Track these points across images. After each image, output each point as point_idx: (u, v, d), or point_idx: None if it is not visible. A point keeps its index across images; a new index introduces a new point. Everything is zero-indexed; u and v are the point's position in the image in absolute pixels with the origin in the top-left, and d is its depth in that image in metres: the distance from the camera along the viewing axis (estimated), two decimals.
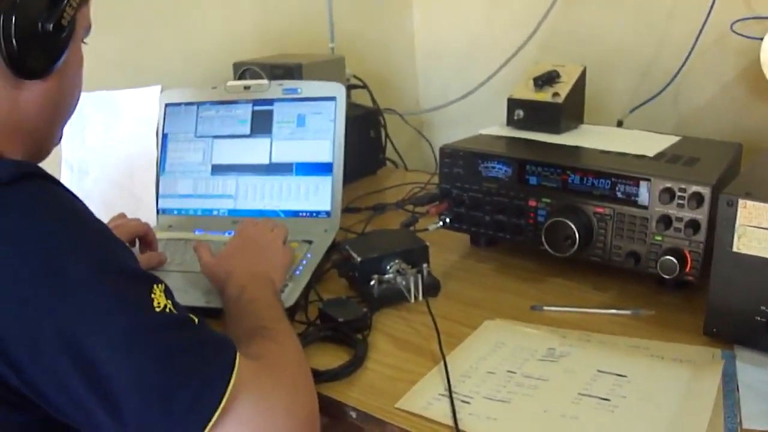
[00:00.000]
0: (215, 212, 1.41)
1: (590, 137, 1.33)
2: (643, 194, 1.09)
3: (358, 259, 1.14)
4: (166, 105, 1.45)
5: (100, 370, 0.67)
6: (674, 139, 1.31)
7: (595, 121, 1.45)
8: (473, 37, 1.99)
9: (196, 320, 0.75)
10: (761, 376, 0.92)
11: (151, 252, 1.26)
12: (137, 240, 1.27)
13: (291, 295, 1.12)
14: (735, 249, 0.93)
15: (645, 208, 1.09)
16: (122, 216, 1.29)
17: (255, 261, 1.11)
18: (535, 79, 1.35)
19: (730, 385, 0.91)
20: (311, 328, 1.08)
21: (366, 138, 1.70)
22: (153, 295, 0.72)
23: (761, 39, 1.38)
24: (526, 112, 1.34)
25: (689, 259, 1.06)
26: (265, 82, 1.41)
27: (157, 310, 0.71)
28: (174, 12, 1.64)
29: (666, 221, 1.08)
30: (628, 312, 1.09)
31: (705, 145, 1.30)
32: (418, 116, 2.05)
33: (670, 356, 0.98)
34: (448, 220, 1.28)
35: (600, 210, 1.13)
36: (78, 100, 0.90)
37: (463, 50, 1.99)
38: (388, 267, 1.15)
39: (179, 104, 1.45)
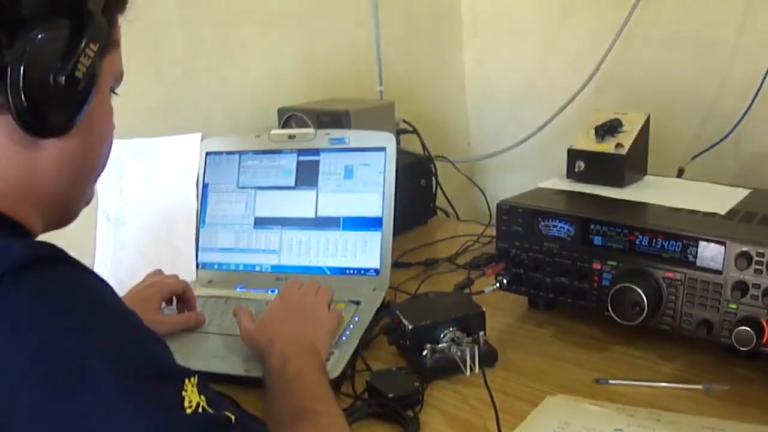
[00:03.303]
0: (258, 268, 1.41)
1: (655, 191, 1.31)
2: (718, 258, 1.07)
3: (410, 327, 1.13)
4: (207, 153, 1.47)
5: None
6: (744, 192, 1.29)
7: (654, 167, 1.42)
8: (527, 80, 2.00)
9: (233, 418, 0.71)
10: None
11: (189, 312, 1.27)
12: (174, 298, 1.28)
13: (337, 364, 1.11)
14: None
15: (719, 273, 1.06)
16: (159, 272, 1.31)
17: (298, 328, 1.10)
18: (597, 129, 1.33)
19: None
20: (358, 402, 1.06)
21: (416, 186, 1.70)
22: (184, 393, 0.68)
23: None
24: (588, 164, 1.33)
25: (767, 329, 1.04)
26: (311, 131, 1.42)
27: (189, 411, 0.67)
28: (216, 56, 1.67)
29: (742, 288, 1.04)
30: (699, 387, 1.06)
31: None
32: (469, 163, 2.05)
33: None
34: (505, 281, 1.26)
35: (670, 275, 1.10)
36: (108, 155, 0.87)
37: (516, 93, 2.00)
38: (441, 335, 1.13)
39: (220, 153, 1.46)
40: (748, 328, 1.04)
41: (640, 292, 1.10)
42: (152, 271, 1.30)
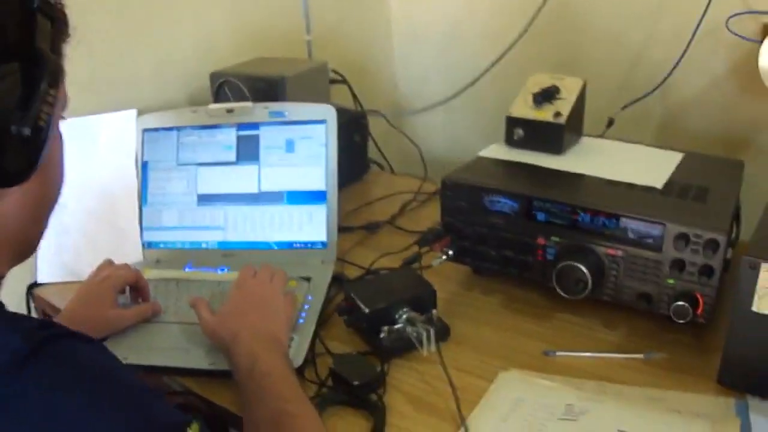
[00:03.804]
0: (204, 245, 1.42)
1: (593, 159, 1.36)
2: (657, 238, 1.14)
3: (366, 311, 1.18)
4: (144, 130, 1.44)
5: None
6: (677, 158, 1.36)
7: (585, 115, 1.46)
8: (454, 22, 1.99)
9: None
10: None
11: (145, 303, 1.28)
12: (128, 288, 1.29)
13: (299, 351, 1.15)
14: (755, 309, 0.99)
15: (659, 251, 1.14)
16: (109, 263, 1.30)
17: (259, 319, 1.13)
18: (535, 96, 1.37)
19: None
20: (324, 390, 1.11)
21: (350, 143, 1.71)
22: None
23: (758, 41, 1.42)
24: (527, 132, 1.37)
25: (702, 302, 1.12)
26: (248, 104, 1.41)
27: None
28: (144, 23, 1.61)
29: (680, 265, 1.13)
30: (640, 356, 1.15)
31: (710, 167, 1.34)
32: (404, 117, 2.06)
33: (686, 409, 1.05)
34: (451, 252, 1.31)
35: (612, 252, 1.17)
36: (63, 182, 0.86)
37: (443, 34, 1.99)
38: (397, 316, 1.19)
39: (158, 129, 1.44)
40: (684, 303, 1.12)
41: (584, 270, 1.17)
42: (102, 262, 1.29)
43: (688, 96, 1.67)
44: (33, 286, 1.44)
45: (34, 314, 1.41)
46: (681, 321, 1.13)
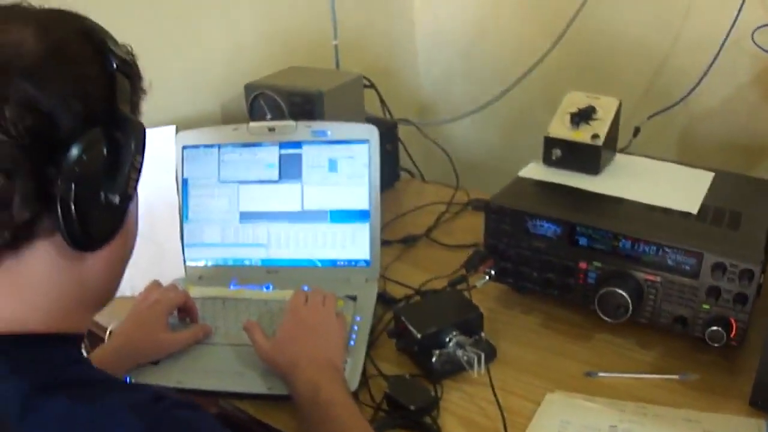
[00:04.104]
0: (247, 262, 1.46)
1: (629, 180, 1.42)
2: (694, 266, 1.20)
3: (418, 336, 1.23)
4: (183, 147, 1.46)
5: None
6: (708, 178, 1.42)
7: None
8: (478, 24, 2.02)
9: None
10: None
11: (196, 325, 1.31)
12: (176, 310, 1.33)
13: (353, 374, 1.20)
14: None
15: (695, 278, 1.20)
16: (157, 286, 1.33)
17: (315, 345, 1.18)
18: (572, 116, 1.42)
19: None
20: (381, 415, 1.17)
21: (381, 152, 1.70)
22: None
23: None
24: (565, 152, 1.42)
25: (735, 327, 1.19)
26: (291, 123, 1.43)
27: None
28: (173, 32, 1.63)
29: (716, 293, 1.19)
30: (675, 377, 1.23)
31: (740, 188, 1.42)
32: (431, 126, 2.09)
33: (720, 431, 1.14)
34: (493, 272, 1.37)
35: (651, 278, 1.24)
36: (138, 231, 0.88)
37: (467, 40, 2.02)
38: (446, 339, 1.24)
39: (198, 146, 1.46)
40: (719, 328, 1.19)
41: (625, 295, 1.23)
42: (150, 284, 1.32)
43: (713, 105, 1.73)
44: None
45: None
46: (716, 345, 1.20)
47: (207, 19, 1.70)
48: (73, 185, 0.70)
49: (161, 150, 1.45)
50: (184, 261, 1.47)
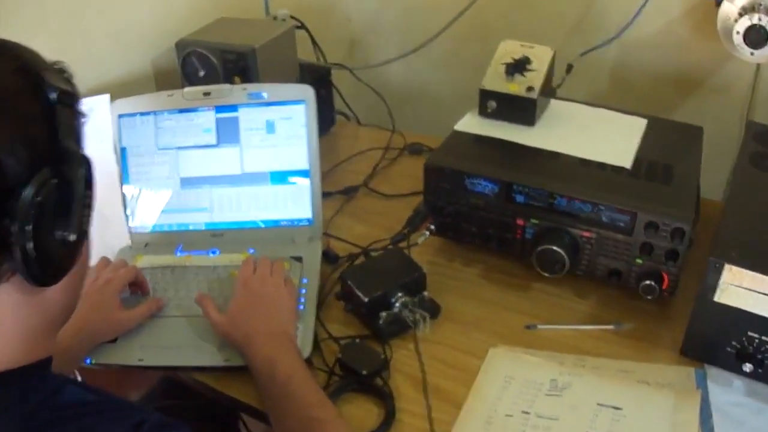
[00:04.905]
0: (191, 227, 1.45)
1: (565, 131, 1.44)
2: (628, 223, 1.25)
3: (365, 300, 1.27)
4: (120, 116, 1.42)
5: None
6: (641, 126, 1.46)
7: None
8: None
9: None
10: (729, 398, 1.17)
11: (149, 300, 1.32)
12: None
13: (305, 341, 1.24)
14: (716, 299, 1.14)
15: (629, 234, 1.26)
16: (104, 263, 1.34)
17: (267, 317, 1.22)
18: (507, 67, 1.42)
19: (705, 411, 1.14)
20: (335, 380, 1.22)
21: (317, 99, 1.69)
22: None
23: None
24: (500, 104, 1.43)
25: (667, 280, 1.26)
26: (226, 86, 1.41)
27: None
28: None
29: (648, 248, 1.25)
30: (610, 327, 1.30)
31: (672, 137, 1.45)
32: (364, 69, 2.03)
33: (654, 380, 1.21)
34: (433, 227, 1.40)
35: (586, 234, 1.29)
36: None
37: None
38: (392, 300, 1.29)
39: (134, 114, 1.42)
40: (651, 282, 1.26)
41: (562, 252, 1.28)
42: (99, 262, 1.33)
43: (645, 38, 1.74)
44: None
45: None
46: (648, 297, 1.27)
47: None
48: (28, 229, 0.69)
49: (97, 120, 1.41)
50: (129, 230, 1.46)
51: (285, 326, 1.21)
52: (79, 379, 1.38)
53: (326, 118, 1.83)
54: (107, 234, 1.43)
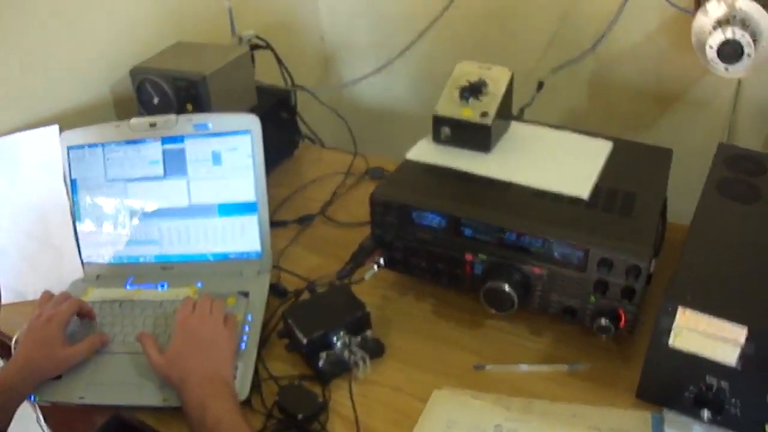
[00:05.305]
0: (142, 259, 1.43)
1: (521, 157, 1.37)
2: (581, 259, 1.18)
3: (305, 340, 1.22)
4: (69, 148, 1.41)
5: None
6: (606, 150, 1.37)
7: (517, 69, 1.43)
8: None
9: None
10: None
11: (94, 336, 1.29)
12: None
13: (244, 381, 1.20)
14: (671, 344, 1.05)
15: (583, 271, 1.18)
16: (47, 298, 1.32)
17: (205, 358, 1.19)
18: (462, 90, 1.35)
19: None
20: (273, 422, 1.17)
21: (277, 120, 1.67)
22: None
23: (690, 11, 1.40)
24: (454, 131, 1.36)
25: (624, 318, 1.18)
26: (172, 117, 1.38)
27: None
28: (50, 18, 1.52)
29: (603, 286, 1.18)
30: (565, 367, 1.23)
31: (638, 161, 1.37)
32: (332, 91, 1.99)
33: (606, 426, 1.13)
34: (381, 262, 1.34)
35: (537, 270, 1.22)
36: None
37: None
38: (334, 339, 1.24)
39: (82, 146, 1.41)
40: (606, 321, 1.19)
41: (510, 291, 1.21)
42: (41, 296, 1.32)
43: (622, 51, 1.66)
44: None
45: None
46: (604, 335, 1.20)
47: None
48: None
49: (45, 152, 1.41)
50: (82, 261, 1.44)
51: (220, 369, 1.18)
52: (38, 413, 1.39)
53: (289, 141, 1.79)
54: (61, 267, 1.43)
